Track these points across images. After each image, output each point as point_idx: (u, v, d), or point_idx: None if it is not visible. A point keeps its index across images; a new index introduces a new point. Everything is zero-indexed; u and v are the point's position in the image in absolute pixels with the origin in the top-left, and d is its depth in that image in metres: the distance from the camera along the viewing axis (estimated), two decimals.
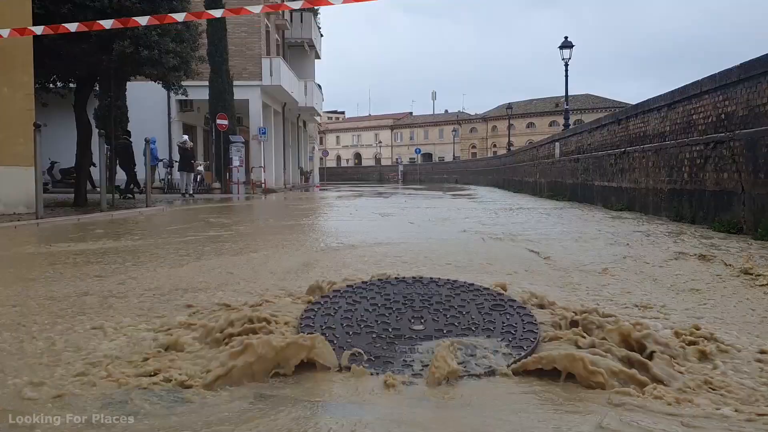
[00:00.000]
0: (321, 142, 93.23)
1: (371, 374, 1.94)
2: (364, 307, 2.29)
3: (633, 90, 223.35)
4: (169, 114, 30.25)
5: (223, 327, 2.22)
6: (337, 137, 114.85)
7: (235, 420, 1.67)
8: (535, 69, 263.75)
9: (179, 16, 10.33)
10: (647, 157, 10.39)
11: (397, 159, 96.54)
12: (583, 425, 1.64)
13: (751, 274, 3.98)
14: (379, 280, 2.61)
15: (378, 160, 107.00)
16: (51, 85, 15.86)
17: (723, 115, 8.74)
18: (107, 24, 8.27)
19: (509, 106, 51.98)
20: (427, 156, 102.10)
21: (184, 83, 16.50)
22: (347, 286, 2.54)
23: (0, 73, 10.77)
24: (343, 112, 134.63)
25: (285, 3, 21.43)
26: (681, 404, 1.77)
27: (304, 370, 1.99)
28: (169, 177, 26.56)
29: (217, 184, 26.66)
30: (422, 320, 2.21)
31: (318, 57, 43.04)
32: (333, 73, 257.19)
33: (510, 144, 62.61)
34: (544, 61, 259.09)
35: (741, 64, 8.36)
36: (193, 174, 22.52)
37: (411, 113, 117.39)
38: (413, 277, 2.61)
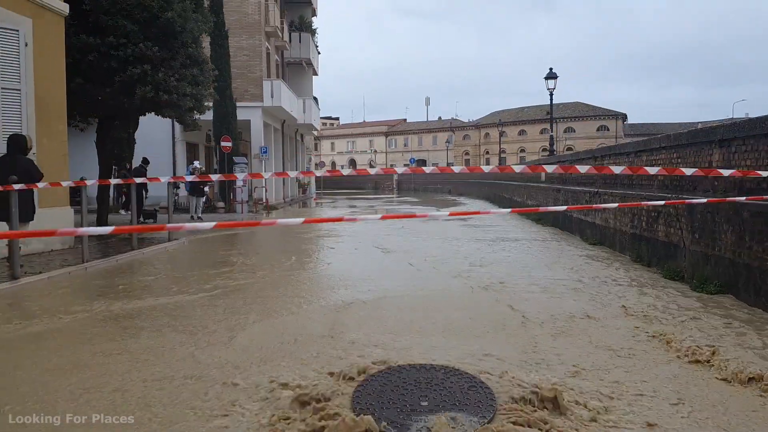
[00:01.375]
0: (316, 148, 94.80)
1: None
2: (390, 389, 3.67)
3: (627, 94, 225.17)
4: (173, 134, 31.60)
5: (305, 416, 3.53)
6: (332, 143, 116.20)
7: None
8: (531, 73, 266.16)
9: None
10: (615, 201, 11.80)
11: (392, 168, 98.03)
12: None
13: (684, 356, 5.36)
14: (398, 366, 4.00)
15: (372, 167, 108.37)
16: (72, 121, 17.20)
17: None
18: None
19: (500, 121, 53.31)
20: (421, 162, 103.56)
21: None
22: (378, 371, 3.93)
23: (39, 125, 12.05)
24: (337, 119, 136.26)
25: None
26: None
27: None
28: (176, 198, 27.84)
29: (221, 204, 27.98)
30: (427, 398, 3.59)
31: (315, 74, 44.43)
32: (327, 78, 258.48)
33: (502, 150, 64.18)
34: (541, 65, 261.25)
35: (689, 131, 9.81)
36: (202, 198, 23.81)
37: (405, 120, 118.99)
38: (421, 365, 4.01)
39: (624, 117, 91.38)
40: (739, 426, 3.54)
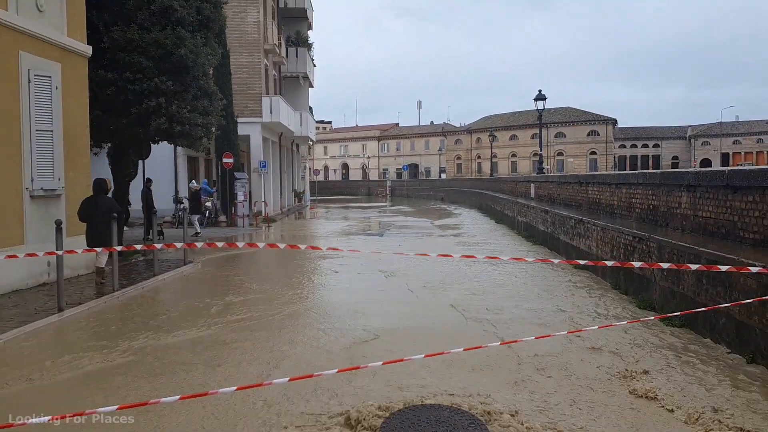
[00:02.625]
0: (308, 152, 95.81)
1: None
2: (409, 426, 4.73)
3: (624, 93, 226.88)
4: (175, 149, 32.50)
5: None
6: (325, 147, 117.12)
7: None
8: (528, 72, 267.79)
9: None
10: (597, 231, 12.92)
11: (384, 173, 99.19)
12: None
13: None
14: (413, 406, 5.08)
15: (365, 171, 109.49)
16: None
17: (651, 206, 11.33)
18: None
19: (492, 132, 54.43)
20: (414, 166, 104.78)
21: None
22: (397, 410, 5.00)
23: (67, 161, 13.04)
24: (330, 122, 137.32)
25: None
26: None
27: None
28: (180, 214, 28.80)
29: (223, 218, 28.98)
30: None
31: (311, 86, 45.49)
32: (320, 79, 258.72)
33: (493, 156, 65.40)
34: (537, 64, 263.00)
35: (662, 172, 10.93)
36: (199, 215, 24.86)
37: (397, 124, 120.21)
38: (431, 404, 5.08)
39: (614, 122, 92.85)
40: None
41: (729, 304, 6.88)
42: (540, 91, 23.70)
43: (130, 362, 7.05)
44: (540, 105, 23.90)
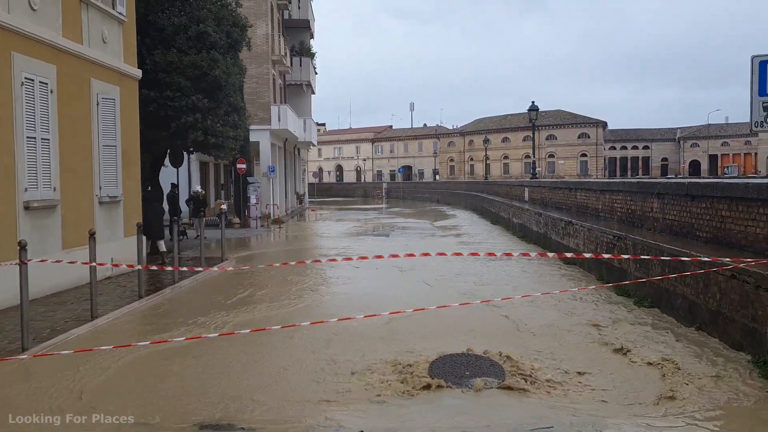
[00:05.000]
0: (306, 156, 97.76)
1: (456, 387, 6.44)
2: (450, 365, 6.77)
3: (617, 95, 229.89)
4: (189, 155, 34.47)
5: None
6: (319, 150, 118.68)
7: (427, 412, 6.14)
8: (520, 75, 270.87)
9: None
10: (584, 231, 15.02)
11: (378, 175, 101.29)
12: (512, 404, 6.16)
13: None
14: (453, 355, 7.14)
15: (359, 173, 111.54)
16: None
17: (630, 210, 13.44)
18: None
19: (486, 137, 56.50)
20: (408, 168, 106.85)
21: None
22: (440, 356, 7.06)
23: (125, 171, 15.00)
24: (323, 124, 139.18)
25: None
26: (541, 395, 6.30)
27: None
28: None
29: (236, 220, 30.97)
30: (468, 370, 6.70)
31: (313, 92, 47.52)
32: (317, 83, 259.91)
33: (486, 157, 67.55)
34: (531, 68, 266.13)
35: (638, 181, 13.06)
36: (203, 219, 26.55)
37: (391, 126, 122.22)
38: (462, 353, 7.15)
39: (604, 124, 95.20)
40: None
41: (660, 278, 8.98)
42: (533, 102, 25.85)
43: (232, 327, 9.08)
44: (533, 116, 26.03)
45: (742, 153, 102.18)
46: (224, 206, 30.63)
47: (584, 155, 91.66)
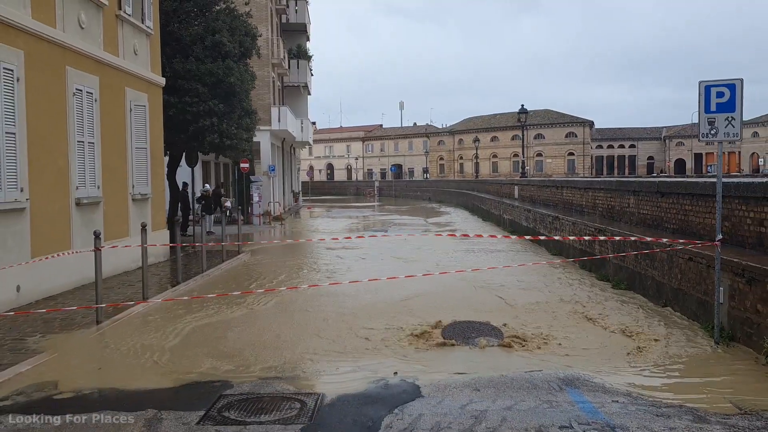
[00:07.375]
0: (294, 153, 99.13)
1: (464, 345, 8.02)
2: (458, 330, 8.35)
3: (606, 94, 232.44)
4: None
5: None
6: (310, 148, 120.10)
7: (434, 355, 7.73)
8: (511, 74, 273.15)
9: None
10: (569, 225, 16.65)
11: (369, 174, 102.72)
12: (510, 357, 7.75)
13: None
14: (460, 322, 8.72)
15: (350, 171, 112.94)
16: None
17: (610, 206, 15.07)
18: None
19: (476, 137, 57.97)
20: (398, 167, 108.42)
21: None
22: (450, 322, 8.64)
23: (152, 171, 16.46)
24: (314, 123, 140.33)
25: None
26: (532, 351, 7.90)
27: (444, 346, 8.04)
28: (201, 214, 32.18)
29: (240, 216, 32.37)
30: (473, 333, 8.28)
31: (309, 94, 49.02)
32: (314, 83, 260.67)
33: (476, 157, 69.20)
34: (522, 67, 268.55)
35: (617, 180, 14.67)
36: (212, 216, 27.97)
37: (381, 125, 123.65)
38: (468, 321, 8.73)
39: (591, 123, 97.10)
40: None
41: (612, 255, 10.61)
42: (522, 105, 27.47)
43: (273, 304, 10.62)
44: (523, 118, 27.65)
45: (727, 152, 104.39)
46: (228, 203, 32.10)
47: (572, 154, 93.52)
